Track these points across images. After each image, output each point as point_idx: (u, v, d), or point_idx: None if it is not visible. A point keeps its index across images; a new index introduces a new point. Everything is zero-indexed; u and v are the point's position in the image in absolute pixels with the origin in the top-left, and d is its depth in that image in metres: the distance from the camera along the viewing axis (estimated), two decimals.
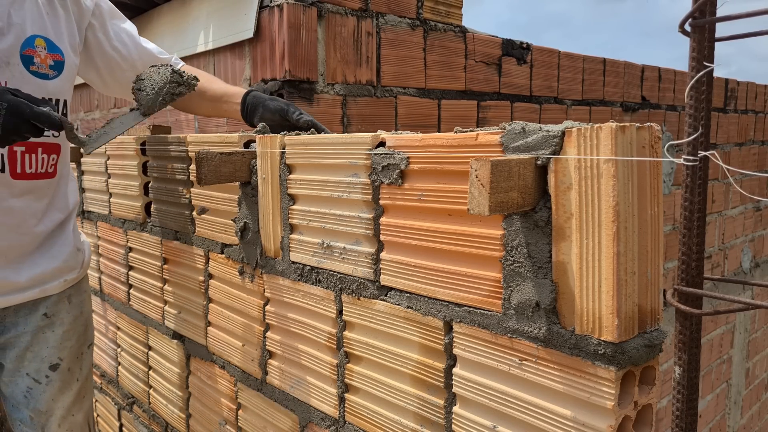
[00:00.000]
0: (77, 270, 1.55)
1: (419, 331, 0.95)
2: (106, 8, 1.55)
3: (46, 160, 1.41)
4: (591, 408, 0.73)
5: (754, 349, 3.87)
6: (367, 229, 1.02)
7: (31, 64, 1.34)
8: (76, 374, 1.53)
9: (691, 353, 1.02)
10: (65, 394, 1.50)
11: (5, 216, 1.36)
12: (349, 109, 1.75)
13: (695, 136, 0.94)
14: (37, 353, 1.46)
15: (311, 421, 1.20)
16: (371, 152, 0.99)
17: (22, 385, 1.46)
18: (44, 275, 1.45)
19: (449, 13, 1.97)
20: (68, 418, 1.51)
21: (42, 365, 1.47)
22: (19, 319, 1.44)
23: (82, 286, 1.58)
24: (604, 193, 0.69)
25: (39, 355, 1.46)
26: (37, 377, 1.46)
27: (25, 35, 1.34)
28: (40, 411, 1.47)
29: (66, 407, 1.51)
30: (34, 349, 1.45)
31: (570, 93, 2.47)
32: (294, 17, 1.59)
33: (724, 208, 3.39)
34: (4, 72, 1.31)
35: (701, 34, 0.94)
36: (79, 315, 1.55)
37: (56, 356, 1.48)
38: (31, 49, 1.34)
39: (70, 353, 1.51)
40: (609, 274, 0.70)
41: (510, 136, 0.78)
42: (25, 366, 1.45)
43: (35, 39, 1.35)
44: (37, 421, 1.47)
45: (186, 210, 1.56)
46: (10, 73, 1.31)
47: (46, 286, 1.46)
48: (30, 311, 1.45)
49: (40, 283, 1.44)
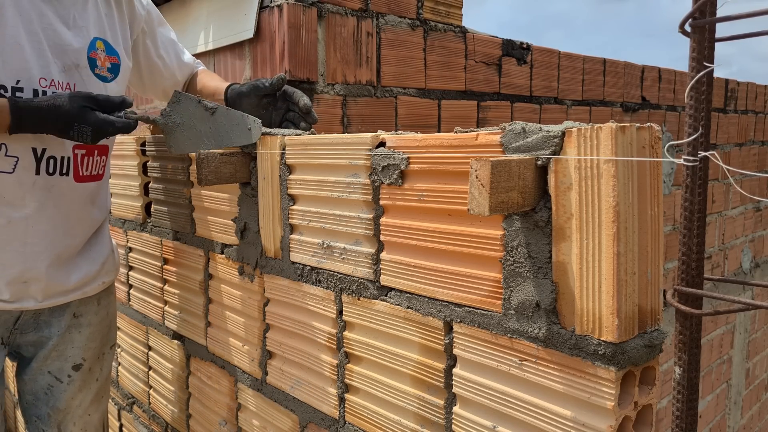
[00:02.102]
0: (113, 273, 1.55)
1: (419, 331, 0.95)
2: (155, 15, 1.57)
3: (98, 162, 1.41)
4: (591, 408, 0.73)
5: (754, 350, 3.87)
6: (367, 229, 1.02)
7: (95, 67, 1.34)
8: (96, 374, 1.53)
9: (691, 353, 1.02)
10: (84, 394, 1.50)
11: (64, 219, 1.35)
12: (349, 109, 1.75)
13: (695, 137, 0.94)
14: (62, 352, 1.45)
15: (311, 422, 1.20)
16: (371, 152, 0.99)
17: (43, 382, 1.45)
18: (86, 278, 1.44)
19: (449, 13, 1.97)
20: (84, 417, 1.51)
21: (65, 364, 1.46)
22: (53, 319, 1.43)
23: (110, 288, 1.58)
24: (604, 194, 0.69)
25: (64, 354, 1.45)
26: (59, 376, 1.46)
27: (90, 37, 1.33)
28: (58, 409, 1.47)
29: (84, 407, 1.51)
30: (59, 348, 1.45)
31: (570, 93, 2.47)
32: (294, 17, 1.60)
33: (724, 209, 3.39)
34: (73, 75, 1.30)
35: (701, 34, 0.94)
36: (105, 316, 1.54)
37: (80, 356, 1.48)
38: (94, 52, 1.34)
39: (93, 354, 1.51)
40: (609, 274, 0.70)
41: (510, 137, 0.78)
42: (48, 364, 1.45)
43: (96, 41, 1.35)
44: (55, 419, 1.47)
45: (186, 210, 1.56)
46: (79, 76, 1.31)
47: (87, 289, 1.45)
48: (62, 311, 1.44)
49: (83, 285, 1.44)
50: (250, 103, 1.42)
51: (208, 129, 1.29)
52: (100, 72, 1.36)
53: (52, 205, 1.32)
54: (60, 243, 1.35)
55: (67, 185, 1.34)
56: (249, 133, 1.24)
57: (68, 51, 1.29)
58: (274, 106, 1.43)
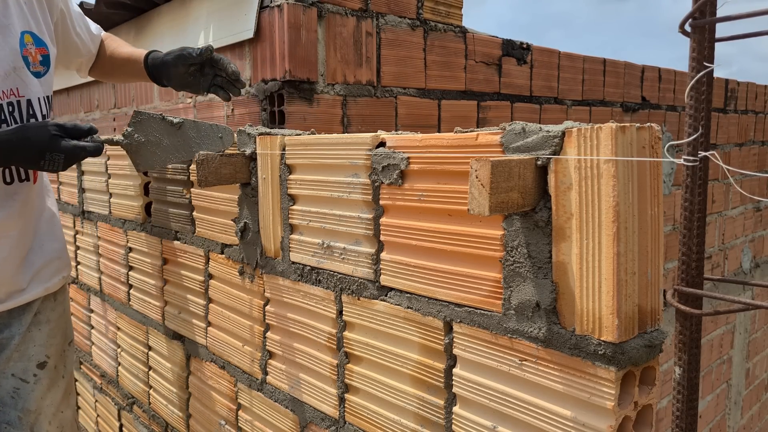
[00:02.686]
0: (69, 266, 1.55)
1: (419, 331, 0.95)
2: None
3: None
4: (591, 408, 0.73)
5: (754, 350, 3.87)
6: (367, 229, 1.02)
7: (29, 65, 1.30)
8: (61, 371, 1.52)
9: (691, 353, 1.02)
10: (54, 392, 1.49)
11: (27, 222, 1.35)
12: (349, 109, 1.75)
13: (695, 137, 0.94)
14: (23, 352, 1.42)
15: (311, 422, 1.20)
16: (371, 152, 0.99)
17: (8, 386, 1.42)
18: (47, 275, 1.44)
19: (449, 13, 1.97)
20: (58, 415, 1.50)
21: (29, 364, 1.43)
22: (12, 320, 1.41)
23: (65, 285, 1.58)
24: (604, 194, 0.69)
25: (26, 354, 1.43)
26: (24, 377, 1.43)
27: (18, 34, 1.28)
28: (29, 410, 1.44)
29: (56, 405, 1.49)
30: (20, 348, 1.42)
31: (570, 93, 2.47)
32: (294, 17, 1.59)
33: (724, 209, 3.38)
34: (14, 79, 1.26)
35: (701, 34, 0.94)
36: (62, 312, 1.54)
37: (43, 354, 1.46)
38: (26, 49, 1.30)
39: (56, 350, 1.49)
40: (609, 274, 0.70)
41: (510, 137, 0.78)
42: (11, 367, 1.42)
43: (24, 35, 1.30)
44: (26, 421, 1.44)
45: (186, 210, 1.56)
46: (19, 78, 1.27)
47: (49, 285, 1.44)
48: (23, 310, 1.42)
49: (45, 281, 1.43)
50: (177, 72, 1.40)
51: (177, 142, 1.28)
52: (34, 68, 1.32)
53: (17, 212, 1.32)
54: (24, 246, 1.35)
55: (28, 189, 1.33)
56: (220, 141, 1.25)
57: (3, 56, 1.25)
58: (201, 73, 1.41)
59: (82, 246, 2.24)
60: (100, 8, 2.22)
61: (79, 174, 2.17)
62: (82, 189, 2.16)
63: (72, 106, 3.00)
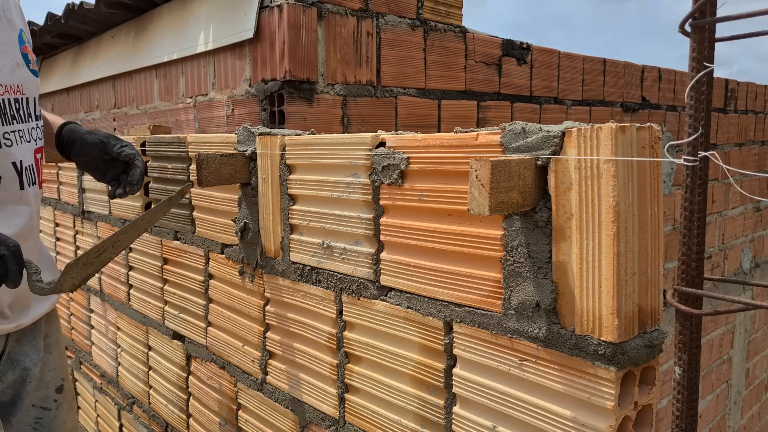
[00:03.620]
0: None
1: (419, 331, 0.95)
2: None
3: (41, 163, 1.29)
4: (591, 408, 0.73)
5: (754, 350, 3.87)
6: (367, 229, 1.02)
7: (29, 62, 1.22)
8: (72, 390, 1.44)
9: (691, 353, 1.02)
10: (72, 413, 1.41)
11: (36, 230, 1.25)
12: (349, 109, 1.75)
13: (695, 137, 0.94)
14: (41, 380, 1.32)
15: (311, 422, 1.20)
16: (371, 152, 0.99)
17: (29, 419, 1.31)
18: None
19: (449, 13, 1.97)
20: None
21: (48, 391, 1.34)
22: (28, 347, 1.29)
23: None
24: (604, 194, 0.69)
25: (43, 381, 1.32)
26: (45, 404, 1.33)
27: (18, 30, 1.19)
28: None
29: (73, 422, 1.42)
30: (39, 376, 1.31)
31: (570, 93, 2.47)
32: (294, 17, 1.59)
33: (724, 209, 3.39)
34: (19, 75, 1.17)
35: (701, 34, 0.94)
36: (59, 329, 1.44)
37: (59, 377, 1.37)
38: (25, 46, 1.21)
39: (67, 370, 1.41)
40: (609, 274, 0.70)
41: (510, 137, 0.78)
42: (31, 398, 1.30)
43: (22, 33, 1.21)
44: None
45: (186, 210, 1.56)
46: (23, 76, 1.19)
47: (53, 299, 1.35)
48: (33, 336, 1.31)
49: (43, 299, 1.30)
50: (90, 153, 1.31)
51: None
52: (32, 67, 1.23)
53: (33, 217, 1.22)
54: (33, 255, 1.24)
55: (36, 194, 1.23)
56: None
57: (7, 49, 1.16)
58: (112, 164, 1.32)
59: (82, 246, 2.24)
60: (100, 8, 2.22)
61: (79, 174, 2.17)
62: (82, 189, 2.16)
63: (72, 106, 3.00)
